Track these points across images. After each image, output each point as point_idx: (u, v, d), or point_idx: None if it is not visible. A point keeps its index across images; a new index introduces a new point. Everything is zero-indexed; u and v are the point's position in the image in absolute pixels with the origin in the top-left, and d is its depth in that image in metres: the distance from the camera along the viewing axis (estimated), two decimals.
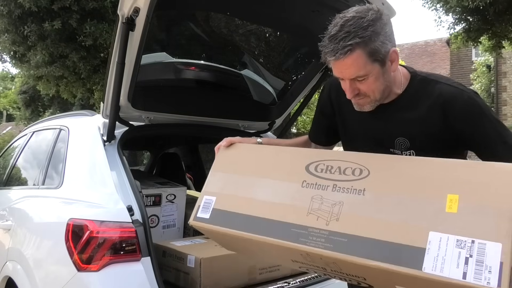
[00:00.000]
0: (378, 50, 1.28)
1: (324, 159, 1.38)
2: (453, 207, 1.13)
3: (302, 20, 2.38)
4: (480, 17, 5.77)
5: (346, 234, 1.21)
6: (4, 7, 5.44)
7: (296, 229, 1.28)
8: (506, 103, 13.96)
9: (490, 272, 1.02)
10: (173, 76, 2.64)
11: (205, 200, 1.50)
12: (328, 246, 1.21)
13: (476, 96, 1.38)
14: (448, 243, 1.08)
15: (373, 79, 1.32)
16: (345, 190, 1.29)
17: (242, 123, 2.86)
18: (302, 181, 1.36)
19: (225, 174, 1.56)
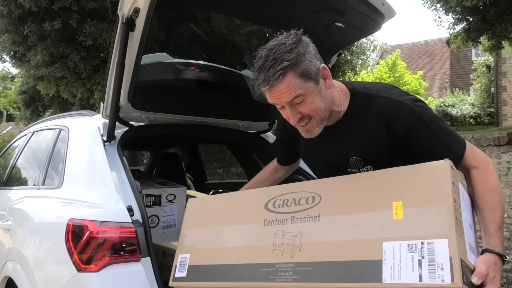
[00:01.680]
0: (308, 69, 1.30)
1: (280, 194, 1.45)
2: (399, 214, 1.19)
3: (302, 20, 2.38)
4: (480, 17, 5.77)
5: (309, 263, 1.25)
6: (4, 7, 5.43)
7: (264, 268, 1.33)
8: (506, 103, 13.94)
9: (442, 269, 1.06)
10: (173, 76, 2.64)
11: (180, 259, 1.59)
12: (296, 278, 1.25)
13: (417, 106, 1.39)
14: (401, 249, 1.13)
15: (311, 98, 1.33)
16: (302, 219, 1.35)
17: (242, 123, 2.86)
18: (263, 220, 1.42)
19: (194, 229, 1.65)
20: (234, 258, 1.43)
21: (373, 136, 1.42)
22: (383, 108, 1.40)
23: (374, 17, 2.28)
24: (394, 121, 1.39)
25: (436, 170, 1.21)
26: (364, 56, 9.56)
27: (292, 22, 2.44)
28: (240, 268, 1.40)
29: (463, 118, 14.16)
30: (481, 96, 15.31)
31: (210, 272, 1.47)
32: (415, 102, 1.41)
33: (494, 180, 1.35)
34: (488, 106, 14.74)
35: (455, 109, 14.26)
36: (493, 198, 1.30)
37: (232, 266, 1.42)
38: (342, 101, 1.45)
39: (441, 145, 1.37)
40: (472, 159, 1.37)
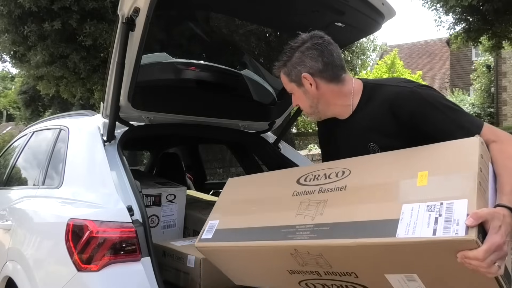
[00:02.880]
0: (289, 72, 1.57)
1: (312, 171, 1.54)
2: (423, 181, 1.22)
3: (302, 20, 2.38)
4: (480, 17, 5.77)
5: (329, 223, 1.30)
6: (4, 7, 5.43)
7: (285, 229, 1.38)
8: (506, 103, 13.96)
9: (458, 224, 1.07)
10: (173, 76, 2.64)
11: (210, 224, 1.66)
12: (312, 236, 1.30)
13: (421, 88, 1.44)
14: (420, 210, 1.15)
15: (296, 96, 1.61)
16: (329, 190, 1.41)
17: (242, 123, 2.86)
18: (293, 191, 1.50)
19: (229, 201, 1.75)
20: (258, 222, 1.50)
21: (381, 122, 1.48)
22: (388, 94, 1.47)
23: (374, 17, 2.28)
24: (398, 106, 1.44)
25: (465, 144, 1.24)
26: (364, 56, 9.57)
27: (292, 22, 2.44)
28: (262, 230, 1.45)
29: None
30: (481, 96, 15.32)
31: (234, 235, 1.53)
32: (419, 86, 1.46)
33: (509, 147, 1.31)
34: (488, 106, 14.75)
35: None
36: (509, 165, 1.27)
37: (255, 228, 1.48)
38: (354, 96, 1.56)
39: (451, 125, 1.36)
40: (491, 135, 1.34)
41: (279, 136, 3.04)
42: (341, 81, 1.56)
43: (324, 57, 1.53)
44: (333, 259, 1.31)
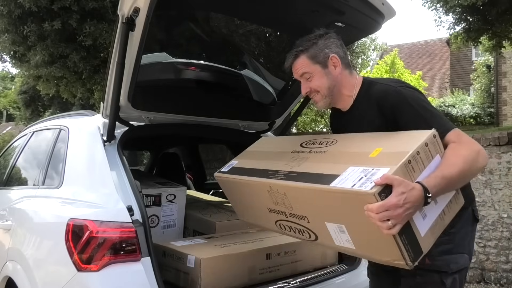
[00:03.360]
0: (316, 55, 1.73)
1: (314, 138, 1.87)
2: (374, 154, 1.47)
3: (302, 20, 2.38)
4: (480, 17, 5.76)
5: (298, 172, 1.64)
6: (4, 7, 5.43)
7: (271, 172, 1.75)
8: (506, 103, 13.95)
9: (371, 183, 1.30)
10: (173, 76, 2.64)
11: (230, 163, 2.10)
12: (283, 178, 1.65)
13: (404, 88, 1.63)
14: (356, 171, 1.41)
15: (317, 77, 1.75)
16: (314, 151, 1.74)
17: (242, 123, 2.86)
18: (293, 150, 1.85)
19: (250, 151, 2.19)
20: (259, 165, 1.89)
21: (371, 116, 1.68)
22: (377, 91, 1.67)
23: (374, 17, 2.28)
24: (383, 102, 1.64)
25: (419, 133, 1.47)
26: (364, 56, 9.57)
27: (292, 22, 2.45)
28: (257, 171, 1.85)
29: (463, 118, 14.16)
30: (481, 96, 15.31)
31: (241, 171, 1.97)
32: (405, 86, 1.65)
33: (466, 151, 1.45)
34: (488, 106, 14.74)
35: (455, 109, 14.26)
36: (455, 159, 1.42)
37: (255, 169, 1.88)
38: (355, 89, 1.77)
39: (423, 123, 1.52)
40: (455, 138, 1.50)
41: (279, 136, 3.04)
42: (351, 72, 1.80)
43: (343, 48, 1.79)
44: (293, 200, 1.65)
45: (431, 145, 1.43)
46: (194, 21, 2.54)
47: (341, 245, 1.55)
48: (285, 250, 2.24)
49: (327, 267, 2.41)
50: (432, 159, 1.43)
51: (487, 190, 4.50)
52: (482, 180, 4.53)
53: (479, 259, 4.55)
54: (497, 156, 4.46)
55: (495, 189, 4.46)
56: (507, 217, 4.39)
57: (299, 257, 2.29)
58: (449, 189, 1.44)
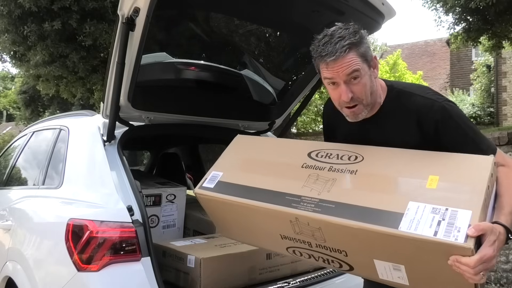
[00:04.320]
0: (366, 52, 1.45)
1: (325, 148, 1.58)
2: (433, 184, 1.27)
3: (302, 20, 2.38)
4: (480, 17, 5.76)
5: (334, 202, 1.35)
6: (4, 7, 5.43)
7: (290, 197, 1.43)
8: (506, 103, 13.95)
9: (459, 231, 1.15)
10: (173, 76, 2.64)
11: (213, 174, 1.68)
12: (316, 210, 1.35)
13: (448, 105, 1.47)
14: (425, 210, 1.22)
15: (364, 79, 1.45)
16: (339, 170, 1.45)
17: (242, 123, 2.86)
18: (303, 163, 1.53)
19: (235, 156, 1.75)
20: (263, 184, 1.52)
21: (405, 130, 1.50)
22: (417, 104, 1.48)
23: (374, 17, 2.28)
24: (425, 117, 1.46)
25: (480, 160, 1.30)
26: None
27: (292, 22, 2.45)
28: (267, 193, 1.48)
29: None
30: (481, 96, 15.31)
31: (236, 190, 1.56)
32: (447, 101, 1.49)
33: None
34: (488, 106, 14.74)
35: None
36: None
37: (260, 189, 1.51)
38: (383, 95, 1.56)
39: (471, 145, 1.41)
40: (501, 159, 1.42)
41: (279, 136, 3.04)
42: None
43: None
44: (330, 235, 1.37)
45: (494, 174, 1.31)
46: (194, 21, 2.54)
47: (388, 279, 1.37)
48: None
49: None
50: (494, 189, 1.32)
51: None
52: None
53: None
54: None
55: None
56: None
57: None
58: None
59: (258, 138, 2.04)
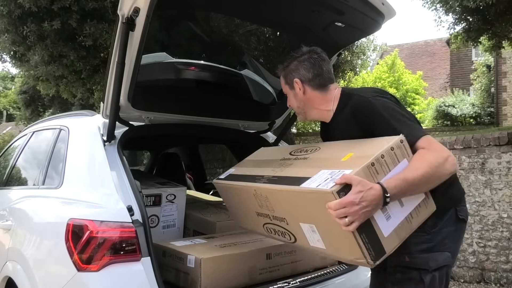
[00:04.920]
0: (285, 77, 1.92)
1: (302, 147, 1.96)
2: (345, 158, 1.56)
3: (302, 20, 2.38)
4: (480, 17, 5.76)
5: (279, 176, 1.74)
6: (4, 7, 5.42)
7: (257, 177, 1.86)
8: (506, 103, 13.94)
9: (333, 183, 1.40)
10: (173, 76, 2.64)
11: (228, 171, 2.22)
12: (265, 182, 1.77)
13: (376, 98, 1.69)
14: (325, 173, 1.49)
15: (289, 96, 1.94)
16: (299, 158, 1.85)
17: (242, 123, 2.86)
18: (282, 157, 1.96)
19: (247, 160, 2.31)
20: (250, 172, 2.01)
21: (350, 130, 1.76)
22: (354, 105, 1.74)
23: (374, 17, 2.28)
24: (359, 115, 1.72)
25: (386, 139, 1.55)
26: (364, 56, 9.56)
27: (292, 22, 2.45)
28: (248, 177, 1.95)
29: (463, 118, 14.15)
30: (481, 96, 15.30)
31: (234, 178, 2.08)
32: (377, 96, 1.72)
33: (433, 157, 1.51)
34: (488, 106, 14.73)
35: (455, 109, 14.25)
36: (420, 164, 1.50)
37: (246, 175, 2.00)
38: (334, 103, 1.84)
39: (393, 133, 1.58)
40: (425, 144, 1.55)
41: (279, 136, 3.04)
42: (326, 89, 1.86)
43: (315, 70, 1.85)
44: (274, 203, 1.75)
45: (397, 150, 1.50)
46: (194, 21, 2.54)
47: (314, 245, 1.64)
48: (285, 250, 2.24)
49: (327, 267, 2.41)
50: (399, 163, 1.50)
51: (487, 190, 4.50)
52: (482, 180, 4.53)
53: (479, 259, 4.55)
54: (497, 156, 4.46)
55: (495, 189, 4.46)
56: (507, 217, 4.39)
57: (299, 257, 2.29)
58: (412, 191, 1.50)
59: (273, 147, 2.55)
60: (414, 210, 1.55)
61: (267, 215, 1.84)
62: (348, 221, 1.35)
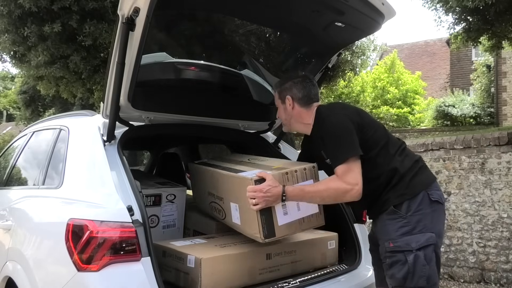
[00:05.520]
0: (279, 93, 2.22)
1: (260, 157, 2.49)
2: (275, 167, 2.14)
3: (302, 20, 2.38)
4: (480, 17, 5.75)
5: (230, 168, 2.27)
6: (4, 8, 5.42)
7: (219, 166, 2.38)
8: (506, 103, 13.95)
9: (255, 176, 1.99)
10: (173, 76, 2.64)
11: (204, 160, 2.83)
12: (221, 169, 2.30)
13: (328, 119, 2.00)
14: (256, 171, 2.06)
15: (279, 109, 2.25)
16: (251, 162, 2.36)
17: (242, 123, 2.86)
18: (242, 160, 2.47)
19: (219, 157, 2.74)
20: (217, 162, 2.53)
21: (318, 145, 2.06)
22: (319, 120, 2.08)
23: (374, 17, 2.28)
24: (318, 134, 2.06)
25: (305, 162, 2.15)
26: (364, 56, 9.56)
27: (292, 22, 2.45)
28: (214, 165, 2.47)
29: (463, 118, 14.16)
30: (481, 96, 15.31)
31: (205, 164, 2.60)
32: (329, 116, 2.02)
33: (336, 186, 1.91)
34: (488, 106, 14.74)
35: (455, 109, 14.25)
36: (321, 185, 1.98)
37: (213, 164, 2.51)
38: (312, 119, 2.13)
39: (329, 155, 2.00)
40: (339, 173, 1.90)
41: (279, 136, 3.04)
42: (310, 107, 2.15)
43: (305, 91, 2.15)
44: (220, 185, 2.28)
45: (308, 171, 2.07)
46: (194, 21, 2.55)
47: (234, 222, 2.18)
48: (285, 250, 2.24)
49: (327, 267, 2.41)
50: (306, 180, 2.05)
51: (487, 190, 4.50)
52: (482, 180, 4.53)
53: (479, 259, 4.55)
54: (497, 156, 4.46)
55: (495, 189, 4.46)
56: (507, 217, 4.39)
57: (299, 257, 2.29)
58: (308, 200, 2.00)
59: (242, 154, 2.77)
60: (307, 217, 2.07)
61: (214, 194, 2.37)
62: (255, 202, 1.90)
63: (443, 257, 4.72)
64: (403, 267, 1.87)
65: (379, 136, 2.01)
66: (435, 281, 1.91)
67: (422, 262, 1.86)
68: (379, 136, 2.01)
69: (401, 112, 16.48)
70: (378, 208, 2.00)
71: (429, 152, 4.87)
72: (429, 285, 1.88)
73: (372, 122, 2.09)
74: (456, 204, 4.67)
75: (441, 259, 4.70)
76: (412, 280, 1.86)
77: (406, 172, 1.96)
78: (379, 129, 2.06)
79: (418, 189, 1.94)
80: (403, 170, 1.96)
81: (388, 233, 1.92)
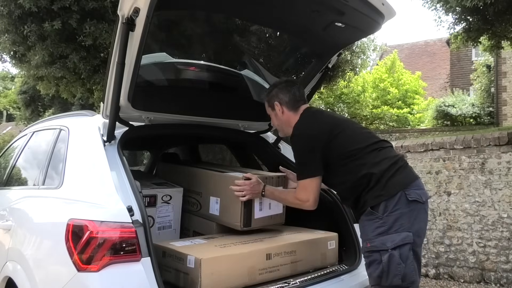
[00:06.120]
0: (268, 101, 2.36)
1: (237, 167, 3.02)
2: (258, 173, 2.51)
3: (302, 20, 2.38)
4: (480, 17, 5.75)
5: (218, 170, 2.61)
6: (4, 8, 5.42)
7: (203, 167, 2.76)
8: (506, 103, 13.94)
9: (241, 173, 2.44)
10: (173, 76, 2.64)
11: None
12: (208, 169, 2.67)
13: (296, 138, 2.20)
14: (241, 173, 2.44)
15: (271, 116, 2.38)
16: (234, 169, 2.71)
17: (242, 123, 2.86)
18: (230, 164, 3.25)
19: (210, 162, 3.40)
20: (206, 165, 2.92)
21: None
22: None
23: (374, 17, 2.28)
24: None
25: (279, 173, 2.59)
26: (364, 56, 9.54)
27: (292, 22, 2.45)
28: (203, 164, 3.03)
29: (463, 118, 14.15)
30: (481, 96, 15.30)
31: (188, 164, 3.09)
32: (295, 136, 2.20)
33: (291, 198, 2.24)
34: (488, 106, 14.73)
35: (455, 109, 14.24)
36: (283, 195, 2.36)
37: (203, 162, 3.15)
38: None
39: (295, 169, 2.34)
40: (299, 188, 2.18)
41: (279, 136, 3.04)
42: (297, 110, 2.28)
43: (290, 94, 2.28)
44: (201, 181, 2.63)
45: (280, 179, 2.53)
46: (194, 21, 2.54)
47: (211, 213, 2.52)
48: (285, 250, 2.24)
49: (327, 267, 2.41)
50: (278, 186, 2.48)
51: (487, 190, 4.50)
52: (482, 180, 4.53)
53: (479, 259, 4.55)
54: (497, 156, 4.46)
55: (495, 189, 4.46)
56: (507, 217, 4.38)
57: (299, 257, 2.29)
58: (276, 201, 2.42)
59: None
60: (274, 215, 2.50)
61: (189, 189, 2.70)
62: (244, 193, 2.29)
63: (443, 257, 4.72)
64: (379, 266, 1.94)
65: (355, 141, 2.11)
66: (413, 280, 1.95)
67: (397, 261, 1.91)
68: (355, 141, 2.11)
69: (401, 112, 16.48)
70: (358, 210, 2.09)
71: (429, 152, 4.87)
72: (404, 283, 1.92)
73: (348, 129, 2.18)
74: (456, 204, 4.67)
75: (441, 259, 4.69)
76: (387, 278, 1.92)
77: (383, 174, 2.02)
78: (355, 135, 2.16)
79: (395, 189, 1.99)
80: (380, 172, 2.02)
81: (366, 233, 2.01)
